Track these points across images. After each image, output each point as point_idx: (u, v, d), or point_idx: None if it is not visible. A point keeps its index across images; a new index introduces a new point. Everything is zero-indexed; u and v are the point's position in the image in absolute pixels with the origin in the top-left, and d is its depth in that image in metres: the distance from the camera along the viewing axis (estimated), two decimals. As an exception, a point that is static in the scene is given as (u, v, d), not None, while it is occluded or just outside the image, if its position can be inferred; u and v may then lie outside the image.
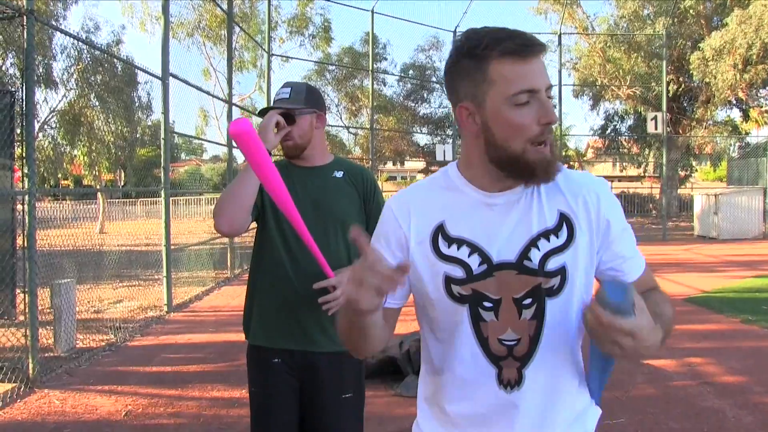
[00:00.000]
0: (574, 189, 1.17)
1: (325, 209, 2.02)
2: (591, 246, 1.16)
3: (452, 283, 1.15)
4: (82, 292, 6.78)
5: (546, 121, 1.07)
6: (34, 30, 4.47)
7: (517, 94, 1.06)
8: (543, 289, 1.13)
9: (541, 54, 1.08)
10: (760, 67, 16.96)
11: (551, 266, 1.13)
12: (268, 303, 2.03)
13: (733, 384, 4.26)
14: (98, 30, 14.90)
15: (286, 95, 2.04)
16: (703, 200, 15.58)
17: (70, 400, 4.05)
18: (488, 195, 1.15)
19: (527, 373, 1.15)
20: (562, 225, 1.14)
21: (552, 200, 1.16)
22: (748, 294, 7.58)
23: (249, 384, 2.11)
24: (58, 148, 10.13)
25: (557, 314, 1.14)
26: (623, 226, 1.19)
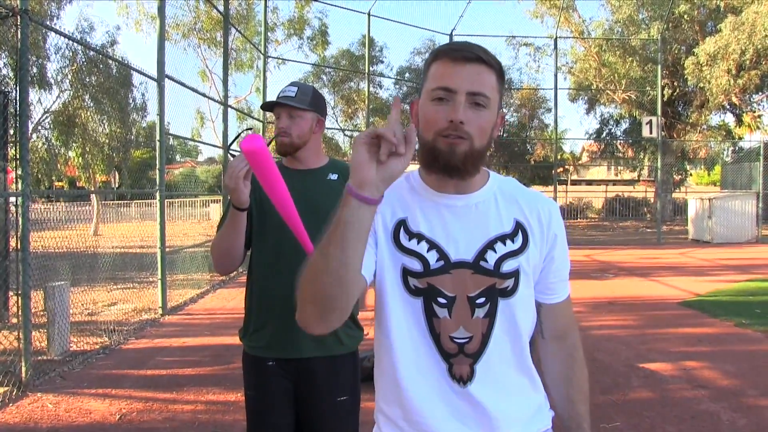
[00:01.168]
0: (529, 202, 1.28)
1: (320, 212, 2.01)
2: (539, 254, 1.26)
3: (409, 275, 1.21)
4: (76, 294, 6.75)
5: (449, 118, 1.13)
6: (28, 30, 4.44)
7: (435, 89, 1.16)
8: (497, 289, 1.21)
9: (475, 63, 1.15)
10: (753, 73, 17.08)
11: (506, 268, 1.21)
12: (264, 314, 2.03)
13: (727, 387, 4.27)
14: (93, 30, 14.87)
15: (292, 93, 2.04)
16: (697, 204, 15.65)
17: (63, 404, 4.02)
18: (445, 196, 1.23)
19: (478, 368, 1.21)
20: (518, 232, 1.24)
21: (508, 209, 1.25)
22: (741, 297, 7.61)
23: (244, 387, 2.10)
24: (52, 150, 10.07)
25: (508, 314, 1.22)
26: (565, 247, 1.30)
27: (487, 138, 1.20)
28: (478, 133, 1.16)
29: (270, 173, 1.66)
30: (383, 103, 20.45)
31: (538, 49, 20.93)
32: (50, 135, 10.81)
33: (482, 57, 1.16)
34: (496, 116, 1.21)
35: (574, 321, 1.36)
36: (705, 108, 19.66)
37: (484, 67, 1.17)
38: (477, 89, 1.15)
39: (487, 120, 1.18)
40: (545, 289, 1.30)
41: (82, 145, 10.02)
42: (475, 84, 1.15)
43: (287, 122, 2.03)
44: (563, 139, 23.19)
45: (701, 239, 15.17)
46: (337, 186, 2.07)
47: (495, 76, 1.19)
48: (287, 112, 2.03)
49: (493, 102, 1.19)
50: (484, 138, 1.18)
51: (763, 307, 6.87)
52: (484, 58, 1.16)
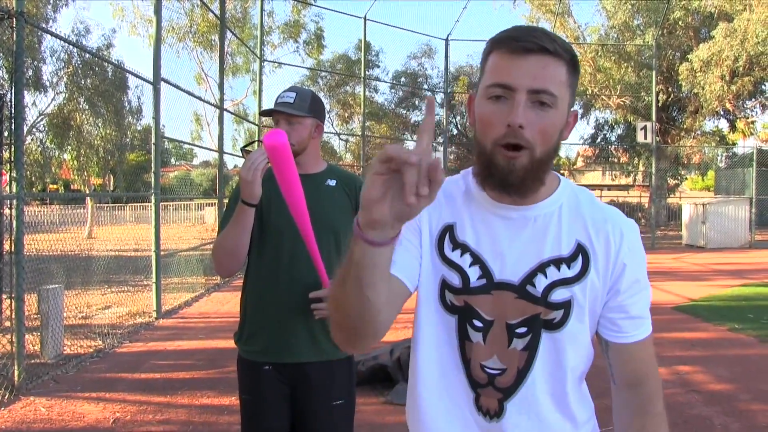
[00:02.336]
0: (598, 221, 1.07)
1: (318, 218, 2.01)
2: (602, 286, 1.06)
3: (447, 290, 1.08)
4: (70, 297, 6.72)
5: (507, 121, 0.96)
6: (23, 32, 4.44)
7: (491, 86, 1.00)
8: (542, 320, 1.04)
9: (539, 54, 0.97)
10: (746, 79, 17.20)
11: (556, 297, 1.04)
12: (260, 318, 2.02)
13: (720, 392, 4.29)
14: (89, 33, 14.84)
15: (290, 99, 2.02)
16: (691, 209, 15.73)
17: (56, 408, 4.00)
18: (501, 206, 1.07)
19: (509, 407, 1.07)
20: (578, 256, 1.05)
21: (572, 227, 1.06)
22: (735, 302, 7.65)
23: (239, 391, 2.10)
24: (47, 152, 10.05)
25: (553, 350, 1.05)
26: (638, 278, 1.08)
27: (553, 143, 1.01)
28: (542, 138, 0.99)
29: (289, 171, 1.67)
30: (379, 108, 20.48)
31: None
32: (45, 137, 10.78)
33: (547, 46, 0.97)
34: (566, 116, 1.03)
35: (652, 368, 1.11)
36: (699, 114, 19.77)
37: (551, 58, 0.98)
38: (540, 86, 0.97)
39: (552, 122, 0.99)
40: (609, 324, 1.08)
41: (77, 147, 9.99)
42: (539, 80, 0.97)
43: (286, 128, 2.01)
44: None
45: (695, 244, 15.24)
46: (335, 192, 2.07)
47: (565, 68, 1.00)
48: (286, 119, 2.01)
49: (562, 100, 1.00)
50: (548, 143, 1.00)
51: (756, 312, 6.91)
52: (550, 48, 0.97)
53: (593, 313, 1.08)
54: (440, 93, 19.82)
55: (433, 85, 21.07)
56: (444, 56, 16.94)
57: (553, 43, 0.98)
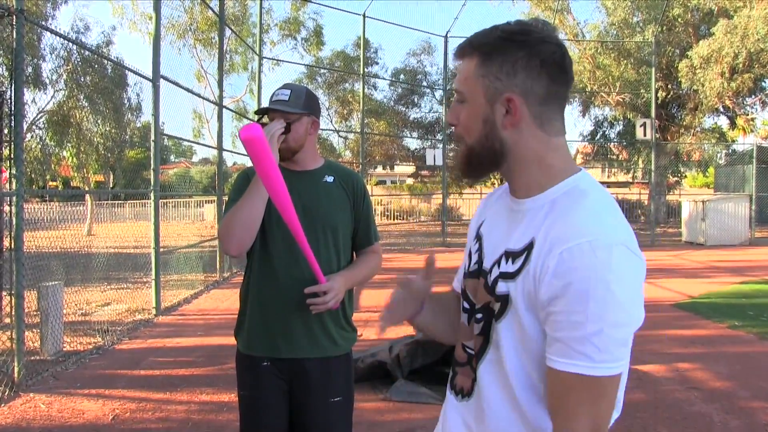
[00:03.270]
0: (559, 218, 0.99)
1: (316, 214, 2.02)
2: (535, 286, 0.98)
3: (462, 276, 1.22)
4: (70, 294, 6.72)
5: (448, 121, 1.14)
6: (23, 30, 4.43)
7: None
8: (490, 308, 1.06)
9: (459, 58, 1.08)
10: (746, 76, 17.18)
11: (498, 290, 1.04)
12: (260, 313, 2.02)
13: (720, 389, 4.30)
14: (88, 30, 14.81)
15: (285, 97, 2.01)
16: (691, 206, 15.73)
17: (56, 405, 4.00)
18: (514, 200, 1.12)
19: (475, 388, 1.11)
20: (524, 252, 1.01)
21: (536, 222, 1.03)
22: (734, 300, 7.65)
23: (238, 387, 2.10)
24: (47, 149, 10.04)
25: (496, 339, 1.05)
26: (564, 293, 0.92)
27: (479, 133, 1.05)
28: (464, 131, 1.09)
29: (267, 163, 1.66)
30: (378, 105, 20.45)
31: (533, 51, 20.96)
32: (45, 135, 10.77)
33: (457, 52, 1.10)
34: (483, 106, 1.04)
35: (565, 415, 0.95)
36: (698, 111, 19.75)
37: (463, 60, 1.08)
38: (455, 86, 1.11)
39: (466, 115, 1.07)
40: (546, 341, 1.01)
41: (77, 144, 9.98)
42: (456, 81, 1.11)
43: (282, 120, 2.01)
44: (558, 141, 23.22)
45: (695, 241, 15.24)
46: (332, 188, 2.07)
47: (475, 60, 1.05)
48: (282, 117, 2.00)
49: (470, 93, 1.05)
50: (473, 134, 1.06)
51: (755, 309, 6.91)
52: (459, 52, 1.09)
53: (528, 312, 0.99)
54: (439, 90, 19.80)
55: (431, 82, 21.05)
56: (443, 53, 16.91)
57: (467, 44, 1.07)
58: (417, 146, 22.08)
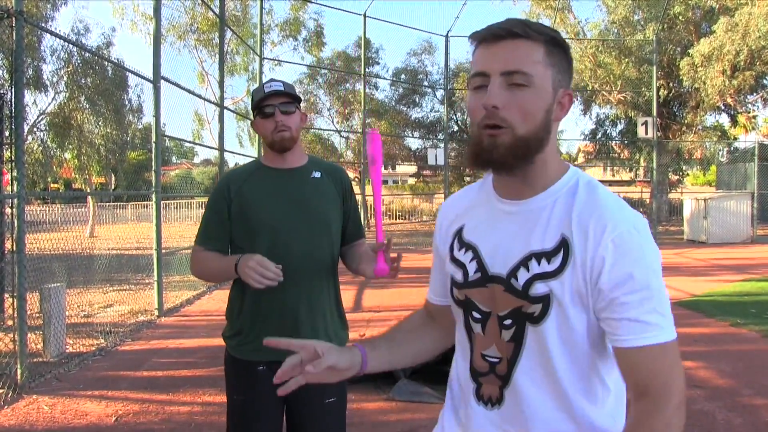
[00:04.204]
0: (585, 213, 1.03)
1: (309, 211, 2.01)
2: (584, 283, 1.01)
3: (453, 286, 1.18)
4: (72, 296, 6.72)
5: (484, 104, 1.01)
6: (23, 32, 4.44)
7: (472, 77, 1.06)
8: (524, 313, 1.06)
9: (506, 39, 1.02)
10: (747, 74, 17.15)
11: (535, 291, 1.04)
12: (257, 318, 2.00)
13: (723, 387, 4.29)
14: (88, 32, 14.81)
15: (279, 87, 2.01)
16: (693, 205, 15.70)
17: (59, 406, 4.01)
18: (503, 202, 1.11)
19: (506, 394, 1.10)
20: (560, 250, 1.03)
21: (561, 220, 1.05)
22: (737, 298, 7.64)
23: (229, 392, 2.06)
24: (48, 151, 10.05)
25: (538, 342, 1.05)
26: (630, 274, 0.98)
27: (539, 122, 1.03)
28: (521, 117, 1.01)
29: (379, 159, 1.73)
30: (379, 104, 20.45)
31: (533, 50, 20.95)
32: (46, 137, 10.78)
33: (516, 30, 1.01)
34: (550, 95, 1.04)
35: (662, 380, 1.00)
36: (700, 109, 19.72)
37: (521, 40, 1.01)
38: (511, 67, 1.01)
39: (530, 100, 1.01)
40: (605, 326, 1.02)
41: (78, 146, 9.99)
42: (509, 62, 1.01)
43: (282, 116, 2.00)
44: (559, 140, 23.22)
45: (697, 239, 15.22)
46: (321, 183, 2.05)
47: (542, 48, 1.02)
48: (279, 108, 2.00)
49: (539, 78, 1.02)
50: (531, 122, 1.02)
51: (758, 307, 6.90)
52: (520, 31, 1.01)
53: (575, 308, 1.03)
54: (440, 90, 19.79)
55: (433, 81, 21.03)
56: (444, 53, 16.94)
57: (524, 27, 1.02)
58: (419, 146, 22.12)
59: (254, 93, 2.08)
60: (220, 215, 2.04)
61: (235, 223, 2.03)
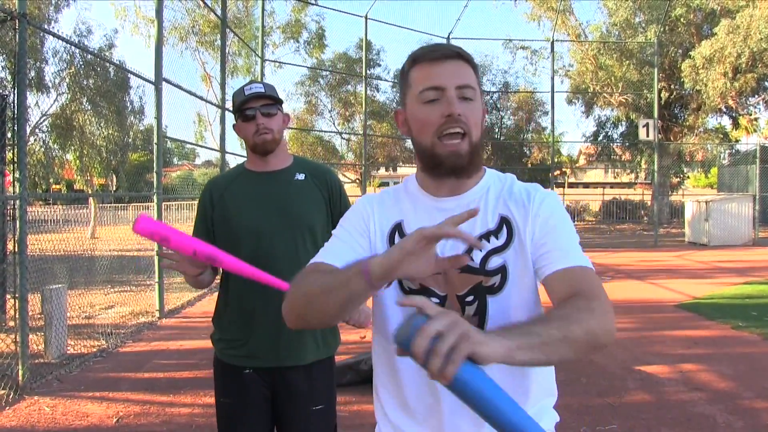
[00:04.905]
0: (516, 194, 1.24)
1: (292, 215, 1.98)
2: (530, 243, 1.20)
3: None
4: (74, 297, 6.74)
5: (446, 113, 1.15)
6: (26, 33, 4.45)
7: (423, 91, 1.18)
8: (484, 287, 1.20)
9: (453, 59, 1.19)
10: (749, 76, 17.15)
11: (491, 265, 1.19)
12: (242, 321, 1.99)
13: (724, 390, 4.28)
14: (91, 34, 14.86)
15: (260, 89, 1.99)
16: (694, 207, 15.69)
17: (60, 407, 4.01)
18: (438, 200, 1.25)
19: None
20: (502, 227, 1.21)
21: (496, 205, 1.23)
22: (738, 300, 7.63)
23: (216, 394, 2.05)
24: (50, 153, 10.07)
25: (498, 311, 1.19)
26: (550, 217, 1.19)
27: (481, 130, 1.23)
28: (474, 125, 1.19)
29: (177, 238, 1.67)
30: (380, 106, 20.46)
31: (534, 53, 20.99)
32: (48, 138, 10.80)
33: (460, 53, 1.20)
34: (482, 109, 1.24)
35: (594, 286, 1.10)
36: (701, 111, 19.72)
37: (463, 62, 1.20)
38: (464, 82, 1.18)
39: (478, 112, 1.21)
40: (540, 262, 1.17)
41: (80, 148, 10.00)
42: (461, 78, 1.18)
43: (264, 119, 1.98)
44: (560, 142, 23.23)
45: (698, 242, 15.20)
46: (305, 186, 2.03)
47: (472, 70, 1.22)
48: (260, 111, 1.98)
49: (478, 94, 1.22)
50: (479, 130, 1.21)
51: (759, 310, 6.89)
52: (462, 54, 1.21)
53: (528, 271, 1.20)
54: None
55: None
56: (445, 55, 16.90)
57: (463, 51, 1.21)
58: (419, 148, 22.07)
59: (235, 96, 2.05)
60: (206, 223, 2.05)
61: (218, 230, 2.02)
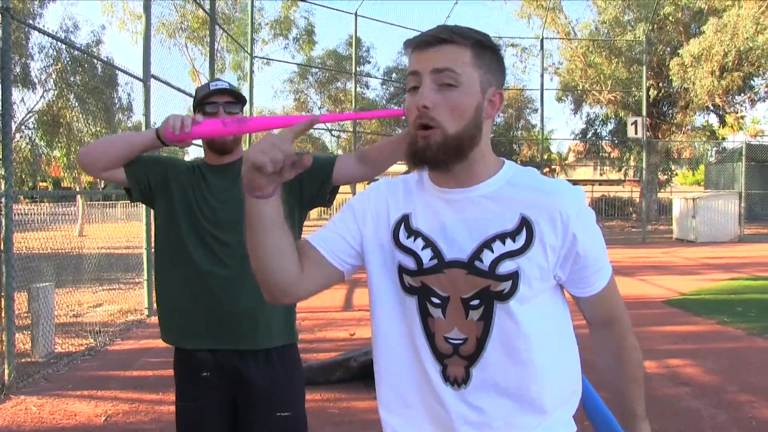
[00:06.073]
0: (542, 196, 1.13)
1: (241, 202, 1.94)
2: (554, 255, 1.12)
3: (404, 273, 1.17)
4: (61, 295, 6.69)
5: (416, 104, 1.08)
6: (10, 28, 4.41)
7: (406, 77, 1.13)
8: (493, 292, 1.12)
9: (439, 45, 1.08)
10: (735, 74, 17.33)
11: (503, 270, 1.10)
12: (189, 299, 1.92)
13: (709, 384, 4.34)
14: (78, 29, 14.70)
15: (225, 85, 1.95)
16: (682, 204, 15.83)
17: (47, 407, 3.99)
18: (445, 191, 1.16)
19: (474, 372, 1.14)
20: (522, 229, 1.11)
21: (515, 203, 1.13)
22: (724, 296, 7.72)
23: (176, 398, 1.98)
24: (36, 150, 9.98)
25: (506, 318, 1.12)
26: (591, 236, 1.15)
27: (468, 120, 1.09)
28: (451, 116, 1.07)
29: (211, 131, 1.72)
30: (370, 103, 20.45)
31: (524, 50, 21.08)
32: (34, 135, 10.70)
33: (444, 36, 1.08)
34: (479, 94, 1.10)
35: (619, 306, 1.25)
36: (689, 109, 19.89)
37: (448, 45, 1.08)
38: (440, 65, 1.07)
39: (460, 100, 1.07)
40: (579, 283, 1.18)
41: (67, 145, 9.92)
42: (439, 61, 1.07)
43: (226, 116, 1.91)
44: (549, 140, 23.34)
45: (685, 238, 15.35)
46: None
47: (468, 51, 1.09)
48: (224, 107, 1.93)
49: (467, 77, 1.08)
50: (461, 120, 1.08)
51: (744, 306, 6.98)
52: (446, 36, 1.08)
53: (546, 279, 1.14)
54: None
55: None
56: (435, 52, 16.92)
57: (450, 33, 1.09)
58: (409, 145, 22.10)
59: (198, 90, 2.00)
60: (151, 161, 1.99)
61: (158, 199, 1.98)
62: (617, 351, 1.26)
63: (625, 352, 1.26)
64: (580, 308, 1.25)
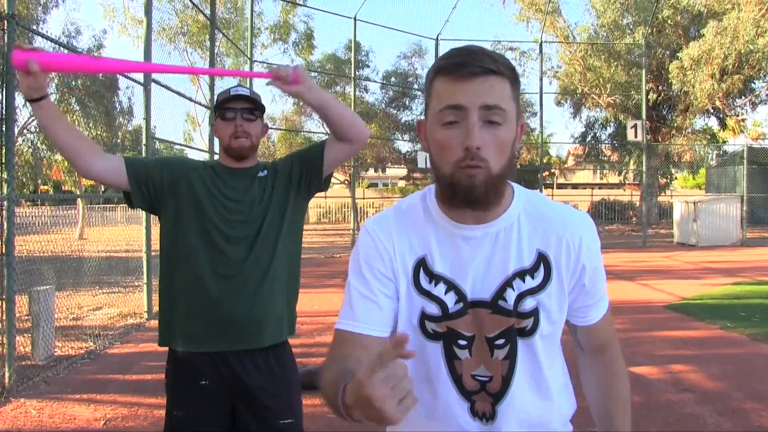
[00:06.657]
0: (556, 227, 1.12)
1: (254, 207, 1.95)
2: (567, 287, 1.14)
3: (426, 320, 1.13)
4: (61, 299, 6.67)
5: (464, 145, 1.00)
6: (14, 34, 4.41)
7: (442, 110, 1.03)
8: (516, 329, 1.12)
9: (484, 76, 1.01)
10: (736, 77, 17.34)
11: (525, 307, 1.10)
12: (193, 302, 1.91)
13: (712, 390, 4.31)
14: (79, 34, 14.74)
15: (245, 92, 1.97)
16: (683, 207, 15.81)
17: (47, 410, 3.97)
18: (463, 227, 1.11)
19: (500, 410, 1.14)
20: (539, 265, 1.11)
21: (532, 237, 1.11)
22: (726, 301, 7.69)
23: (169, 407, 1.95)
24: (38, 153, 9.98)
25: (529, 354, 1.14)
26: (596, 268, 1.16)
27: (507, 157, 1.05)
28: (497, 155, 1.03)
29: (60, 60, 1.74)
30: (369, 107, 20.44)
31: (523, 54, 21.07)
32: (36, 139, 10.69)
33: (491, 67, 1.01)
34: (515, 128, 1.06)
35: (612, 334, 1.28)
36: (689, 112, 19.90)
37: (495, 77, 1.02)
38: (492, 101, 1.01)
39: (504, 138, 1.03)
40: (579, 314, 1.20)
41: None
42: (489, 97, 1.01)
43: (243, 122, 1.94)
44: (549, 143, 23.34)
45: (686, 242, 15.32)
46: (265, 181, 2.00)
47: (508, 83, 1.04)
48: (241, 113, 1.94)
49: (510, 114, 1.04)
50: (503, 158, 1.04)
51: (747, 310, 6.95)
52: (494, 68, 1.01)
53: (560, 313, 1.15)
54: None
55: (423, 84, 20.97)
56: (434, 56, 16.94)
57: (496, 63, 1.02)
58: (408, 149, 22.11)
59: (219, 95, 2.02)
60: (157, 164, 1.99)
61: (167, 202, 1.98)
62: (608, 377, 1.29)
63: (616, 379, 1.29)
64: (573, 334, 1.27)
